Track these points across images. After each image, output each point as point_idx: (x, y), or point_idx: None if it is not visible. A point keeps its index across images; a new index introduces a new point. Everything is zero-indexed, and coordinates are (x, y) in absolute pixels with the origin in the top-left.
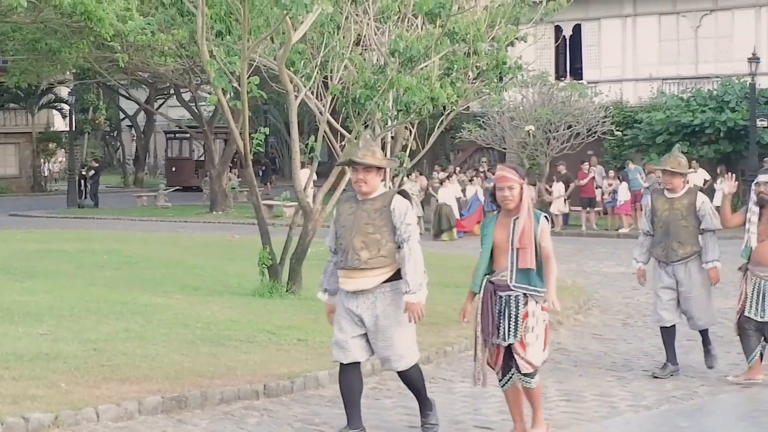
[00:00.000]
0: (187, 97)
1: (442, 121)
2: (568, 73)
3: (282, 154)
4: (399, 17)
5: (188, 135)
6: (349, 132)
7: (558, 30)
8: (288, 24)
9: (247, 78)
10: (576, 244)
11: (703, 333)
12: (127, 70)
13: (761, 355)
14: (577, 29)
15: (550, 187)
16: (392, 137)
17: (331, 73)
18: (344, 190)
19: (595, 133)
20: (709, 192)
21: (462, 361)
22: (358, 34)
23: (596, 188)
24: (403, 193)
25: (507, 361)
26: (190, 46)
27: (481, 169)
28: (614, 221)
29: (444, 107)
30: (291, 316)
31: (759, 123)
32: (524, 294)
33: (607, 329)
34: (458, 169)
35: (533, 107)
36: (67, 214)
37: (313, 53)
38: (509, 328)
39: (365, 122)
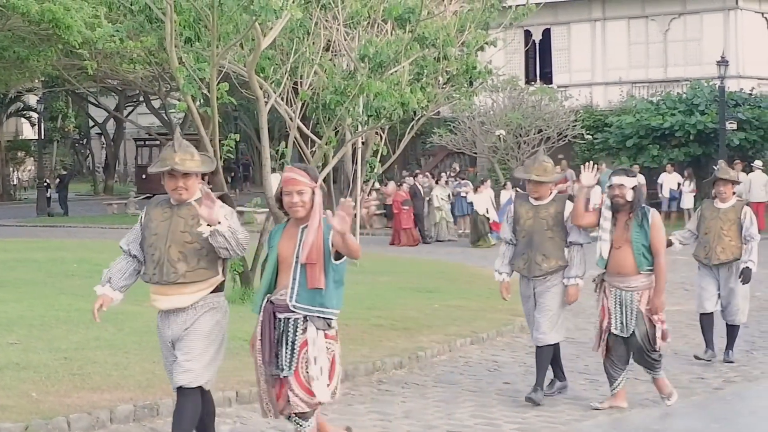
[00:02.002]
0: (156, 104)
1: (412, 126)
2: (538, 78)
3: (253, 160)
4: (368, 22)
5: (158, 142)
6: (320, 138)
7: (528, 34)
8: (257, 30)
9: (217, 84)
10: None
11: (538, 350)
12: (96, 78)
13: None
14: (546, 33)
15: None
16: (363, 142)
17: (301, 78)
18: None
19: (566, 137)
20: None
21: (435, 366)
22: (328, 40)
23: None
24: (225, 198)
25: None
26: (159, 53)
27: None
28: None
29: (414, 112)
30: None
31: (728, 126)
32: (305, 317)
33: (580, 333)
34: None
35: (503, 112)
36: (36, 223)
37: (283, 59)
38: (286, 357)
39: (335, 128)
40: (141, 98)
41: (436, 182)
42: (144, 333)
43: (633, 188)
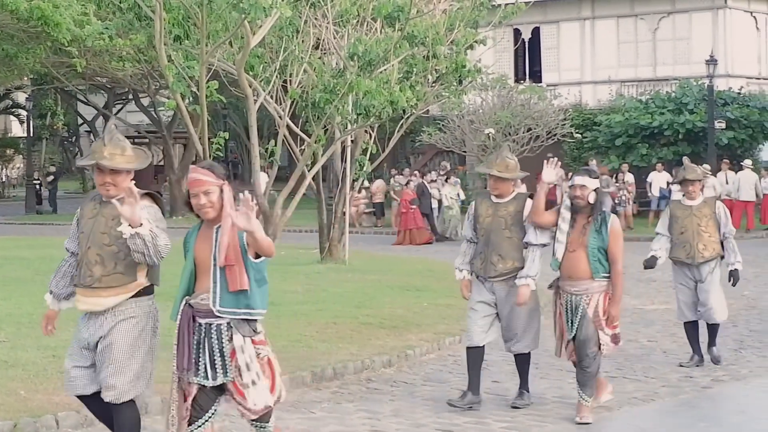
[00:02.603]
0: (145, 102)
1: (401, 124)
2: (527, 76)
3: (242, 158)
4: (358, 21)
5: (147, 140)
6: (309, 136)
7: (517, 33)
8: (246, 28)
9: (206, 82)
10: None
11: (519, 359)
12: (85, 75)
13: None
14: (535, 32)
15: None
16: (352, 141)
17: (290, 77)
18: (304, 194)
19: (555, 135)
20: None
21: (424, 365)
22: (317, 38)
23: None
24: (153, 196)
25: (203, 402)
26: (148, 50)
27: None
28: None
29: (403, 110)
30: None
31: (717, 125)
32: (228, 324)
33: None
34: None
35: (493, 110)
36: (25, 221)
37: (272, 57)
38: (212, 364)
39: (325, 126)
40: (130, 96)
41: (446, 180)
42: None
43: (595, 190)
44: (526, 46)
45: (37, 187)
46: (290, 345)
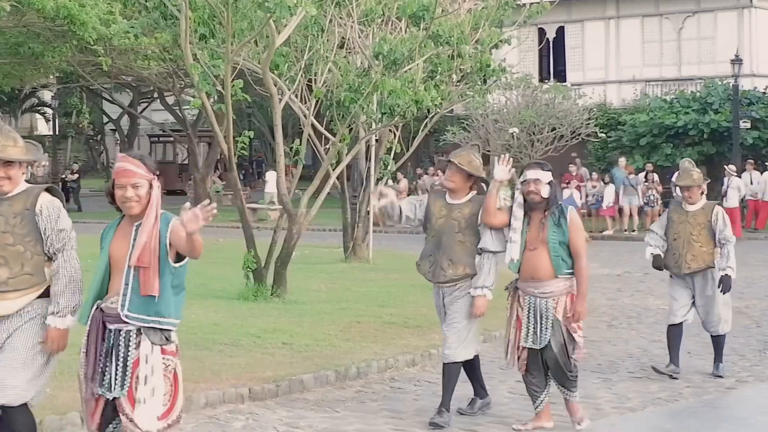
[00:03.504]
0: (171, 100)
1: (426, 123)
2: (551, 76)
3: (267, 157)
4: (383, 20)
5: (172, 139)
6: (334, 135)
7: (541, 32)
8: (272, 27)
9: (231, 81)
10: None
11: (466, 367)
12: (110, 74)
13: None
14: (560, 31)
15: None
16: (377, 140)
17: (315, 76)
18: (329, 193)
19: (579, 135)
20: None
21: None
22: (342, 37)
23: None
24: (52, 190)
25: (108, 416)
26: (173, 49)
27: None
28: (598, 223)
29: (428, 110)
30: (275, 320)
31: (742, 124)
32: (138, 330)
33: (593, 331)
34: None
35: (517, 109)
36: None
37: (297, 56)
38: (116, 375)
39: (350, 125)
40: (155, 95)
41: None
42: None
43: (549, 183)
44: (551, 45)
45: (65, 184)
46: (314, 344)
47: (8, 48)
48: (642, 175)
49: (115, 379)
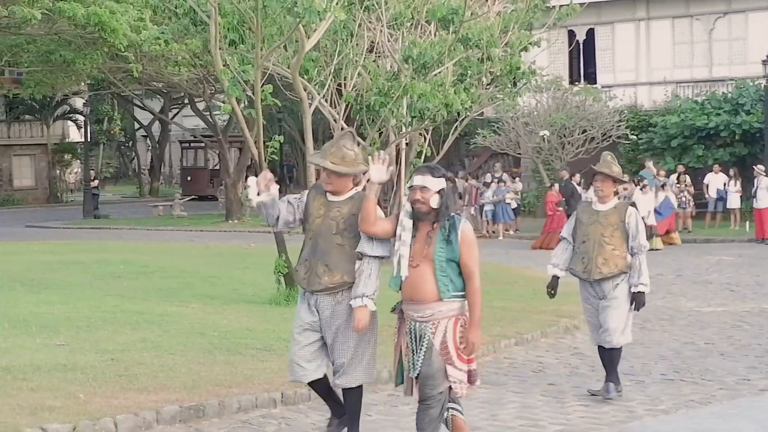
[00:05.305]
0: (201, 106)
1: (456, 127)
2: (582, 78)
3: (297, 162)
4: (412, 24)
5: (203, 144)
6: (364, 139)
7: (571, 34)
8: (301, 32)
9: (261, 86)
10: None
11: (344, 393)
12: (141, 80)
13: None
14: (590, 33)
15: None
16: (407, 144)
17: (344, 80)
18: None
19: (610, 137)
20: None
21: (479, 368)
22: (372, 41)
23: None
24: None
25: None
26: (203, 55)
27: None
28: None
29: (458, 113)
30: None
31: None
32: None
33: None
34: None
35: (547, 112)
36: (83, 225)
37: (327, 61)
38: None
39: (380, 129)
40: (186, 101)
41: (578, 184)
42: (189, 334)
43: (439, 192)
44: (581, 47)
45: (94, 191)
46: None
47: (40, 56)
48: (674, 176)
49: None
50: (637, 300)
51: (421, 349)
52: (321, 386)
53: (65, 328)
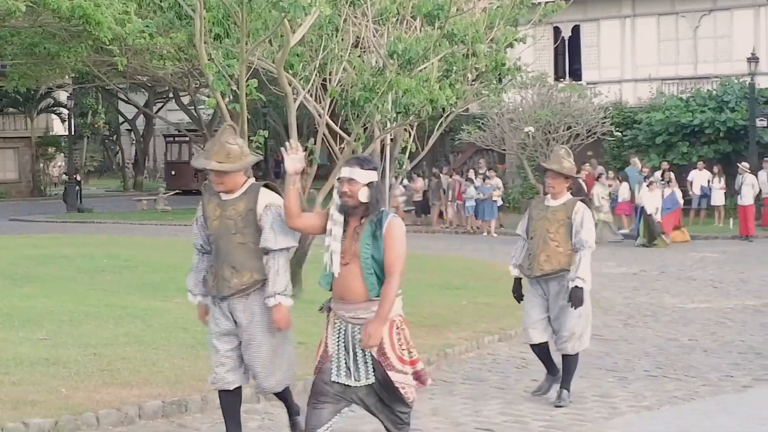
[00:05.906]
0: (186, 100)
1: (441, 122)
2: (567, 74)
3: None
4: (397, 19)
5: (187, 138)
6: (349, 134)
7: (557, 31)
8: (286, 26)
9: (246, 81)
10: None
11: (282, 396)
12: (125, 74)
13: None
14: (575, 30)
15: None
16: (392, 139)
17: (330, 75)
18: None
19: (595, 134)
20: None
21: (463, 363)
22: (357, 36)
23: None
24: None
25: None
26: (188, 49)
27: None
28: (614, 221)
29: (443, 109)
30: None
31: (758, 123)
32: None
33: (608, 330)
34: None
35: (532, 108)
36: (66, 219)
37: (312, 55)
38: None
39: (364, 124)
40: (170, 95)
41: (597, 179)
42: (172, 329)
43: (368, 185)
44: (566, 44)
45: (77, 184)
46: None
47: (24, 48)
48: (658, 173)
49: None
50: (573, 296)
51: (362, 355)
52: (233, 397)
53: (48, 322)
